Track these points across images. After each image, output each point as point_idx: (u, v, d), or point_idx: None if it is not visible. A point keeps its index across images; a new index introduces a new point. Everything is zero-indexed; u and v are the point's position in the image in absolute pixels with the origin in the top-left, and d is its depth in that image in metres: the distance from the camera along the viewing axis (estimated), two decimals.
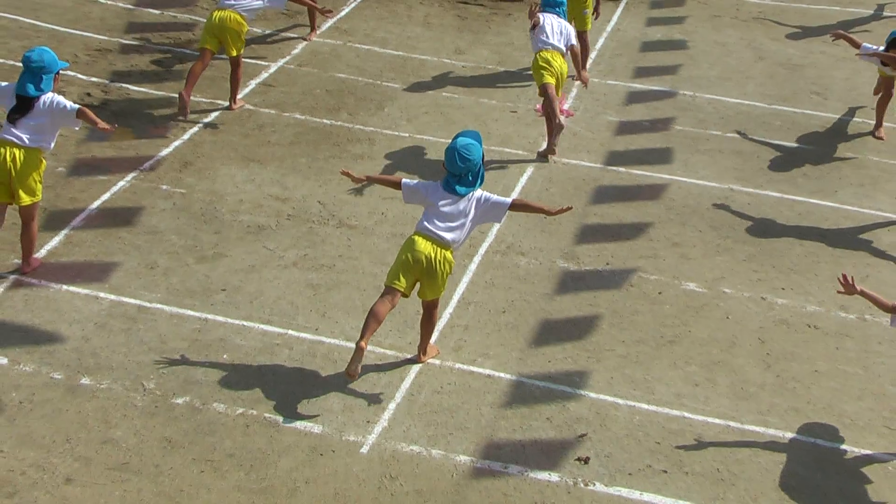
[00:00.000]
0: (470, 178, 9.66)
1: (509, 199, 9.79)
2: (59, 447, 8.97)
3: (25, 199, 10.61)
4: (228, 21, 13.80)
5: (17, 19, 16.08)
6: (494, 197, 9.75)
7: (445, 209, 9.63)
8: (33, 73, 10.57)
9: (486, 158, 13.49)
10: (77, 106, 10.68)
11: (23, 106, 10.55)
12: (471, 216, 9.69)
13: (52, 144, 10.79)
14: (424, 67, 16.02)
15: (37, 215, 10.86)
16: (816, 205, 13.34)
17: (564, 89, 15.09)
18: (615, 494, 8.98)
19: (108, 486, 8.65)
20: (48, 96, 10.59)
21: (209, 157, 13.24)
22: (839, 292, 9.56)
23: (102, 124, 10.73)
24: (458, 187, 9.63)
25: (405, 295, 9.71)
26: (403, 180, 9.88)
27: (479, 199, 9.70)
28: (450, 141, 9.70)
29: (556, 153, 13.79)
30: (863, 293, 9.43)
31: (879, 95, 15.03)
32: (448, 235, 9.62)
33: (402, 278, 9.58)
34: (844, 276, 9.39)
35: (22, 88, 10.56)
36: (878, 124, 15.04)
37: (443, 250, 9.63)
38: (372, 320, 9.44)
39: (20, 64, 10.74)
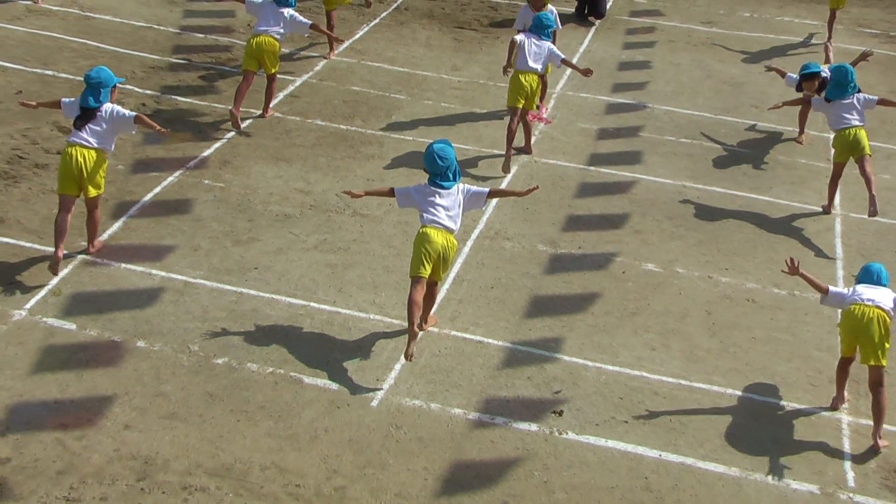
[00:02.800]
0: (450, 174, 9.71)
1: (486, 189, 9.90)
2: (119, 399, 8.99)
3: (92, 192, 10.63)
4: (265, 44, 13.76)
5: (86, 42, 16.03)
6: (474, 188, 9.86)
7: (442, 202, 9.64)
8: (93, 88, 10.59)
9: (477, 158, 13.55)
10: (134, 113, 10.72)
11: (86, 115, 10.56)
12: (461, 205, 9.74)
13: (113, 146, 10.79)
14: (426, 82, 15.98)
15: (100, 205, 10.85)
16: (755, 199, 13.33)
17: (545, 100, 15.13)
18: (584, 442, 8.99)
19: (159, 431, 8.66)
20: (108, 106, 10.61)
21: (244, 156, 13.21)
22: (783, 272, 9.65)
23: (158, 127, 10.86)
24: (443, 183, 9.68)
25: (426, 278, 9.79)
26: (396, 188, 9.91)
27: (464, 191, 9.78)
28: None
29: (532, 152, 13.84)
30: (803, 275, 9.51)
31: (800, 108, 14.98)
32: (451, 224, 9.65)
33: (425, 267, 9.59)
34: (791, 260, 9.48)
35: (84, 101, 10.57)
36: (801, 131, 15.03)
37: (450, 237, 9.66)
38: (414, 307, 9.47)
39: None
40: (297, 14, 14.13)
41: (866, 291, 9.40)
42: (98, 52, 15.73)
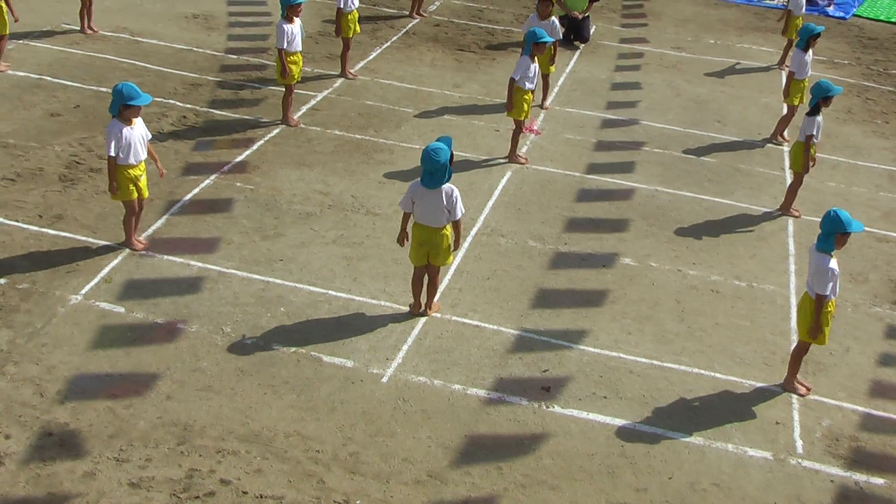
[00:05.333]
0: (438, 175, 9.44)
1: (460, 215, 9.64)
2: (161, 373, 8.98)
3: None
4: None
5: (134, 63, 15.99)
6: (458, 204, 9.59)
7: (426, 201, 9.57)
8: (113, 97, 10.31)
9: (476, 165, 13.50)
10: (112, 153, 10.19)
11: None
12: (444, 204, 9.56)
13: (127, 157, 10.31)
14: (431, 97, 15.94)
15: (128, 210, 10.66)
16: (718, 202, 13.29)
17: (534, 114, 15.06)
18: (568, 414, 8.98)
19: (196, 402, 8.65)
20: (111, 124, 10.27)
21: (271, 162, 13.18)
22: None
23: (113, 184, 10.39)
24: (427, 184, 9.47)
25: (423, 266, 9.90)
26: (400, 204, 9.75)
27: (448, 194, 9.54)
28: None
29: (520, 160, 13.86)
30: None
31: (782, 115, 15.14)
32: (433, 222, 9.61)
33: (418, 257, 9.73)
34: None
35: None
36: (778, 132, 15.06)
37: (435, 231, 9.66)
38: (414, 286, 9.96)
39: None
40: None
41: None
42: (145, 71, 15.70)
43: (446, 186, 9.54)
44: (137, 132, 10.35)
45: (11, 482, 7.65)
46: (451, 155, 9.52)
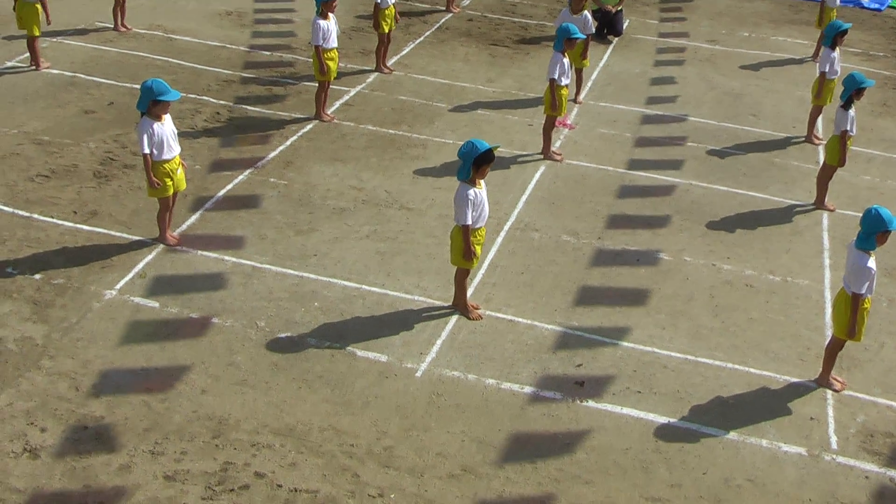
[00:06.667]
0: (461, 167, 9.49)
1: (456, 220, 9.59)
2: (196, 367, 9.05)
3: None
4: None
5: (168, 60, 16.11)
6: (457, 206, 9.53)
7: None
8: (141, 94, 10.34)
9: (509, 160, 13.47)
10: (146, 151, 10.24)
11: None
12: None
13: (161, 153, 10.35)
14: (464, 92, 15.94)
15: (162, 206, 10.75)
16: (752, 196, 13.22)
17: (568, 109, 14.99)
18: (602, 409, 8.96)
19: (231, 396, 8.71)
20: (141, 121, 10.30)
21: (305, 157, 13.23)
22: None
23: (152, 178, 10.39)
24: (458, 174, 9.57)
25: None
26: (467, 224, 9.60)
27: (456, 192, 9.58)
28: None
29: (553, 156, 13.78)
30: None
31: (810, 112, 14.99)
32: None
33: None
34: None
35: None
36: (810, 132, 14.97)
37: (455, 226, 9.72)
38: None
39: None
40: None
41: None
42: (179, 68, 15.81)
43: (461, 186, 9.55)
44: (168, 127, 10.40)
45: (47, 475, 7.74)
46: (481, 154, 9.41)
